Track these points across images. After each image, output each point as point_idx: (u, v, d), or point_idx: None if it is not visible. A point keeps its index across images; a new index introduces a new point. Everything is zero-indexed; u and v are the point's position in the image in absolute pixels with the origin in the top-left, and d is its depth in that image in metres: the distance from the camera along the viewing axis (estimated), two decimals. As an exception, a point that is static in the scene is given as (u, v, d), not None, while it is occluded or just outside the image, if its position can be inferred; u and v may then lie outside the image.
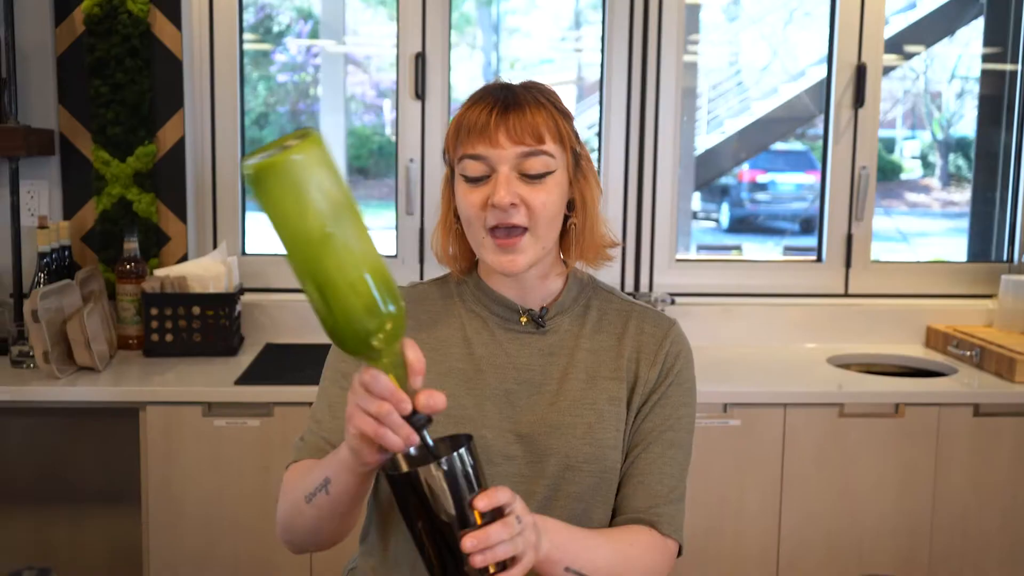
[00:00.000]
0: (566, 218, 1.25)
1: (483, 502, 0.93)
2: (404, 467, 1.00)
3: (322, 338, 0.98)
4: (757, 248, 7.60)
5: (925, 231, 7.69)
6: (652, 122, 2.81)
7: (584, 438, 1.22)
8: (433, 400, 0.95)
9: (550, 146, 1.19)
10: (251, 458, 2.24)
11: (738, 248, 7.54)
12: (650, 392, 1.26)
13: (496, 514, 0.96)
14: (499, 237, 1.18)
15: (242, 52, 2.79)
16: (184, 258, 2.69)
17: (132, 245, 2.57)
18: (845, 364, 2.71)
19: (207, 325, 2.51)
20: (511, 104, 1.19)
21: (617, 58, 2.80)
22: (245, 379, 2.30)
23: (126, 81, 2.57)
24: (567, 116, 1.24)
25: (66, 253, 2.57)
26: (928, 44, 4.90)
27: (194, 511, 2.26)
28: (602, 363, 1.27)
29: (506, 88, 1.22)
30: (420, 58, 2.76)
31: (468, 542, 0.92)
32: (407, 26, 2.78)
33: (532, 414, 1.23)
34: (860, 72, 2.85)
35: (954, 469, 2.38)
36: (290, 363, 2.45)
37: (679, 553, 1.27)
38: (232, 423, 2.23)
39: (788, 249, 7.70)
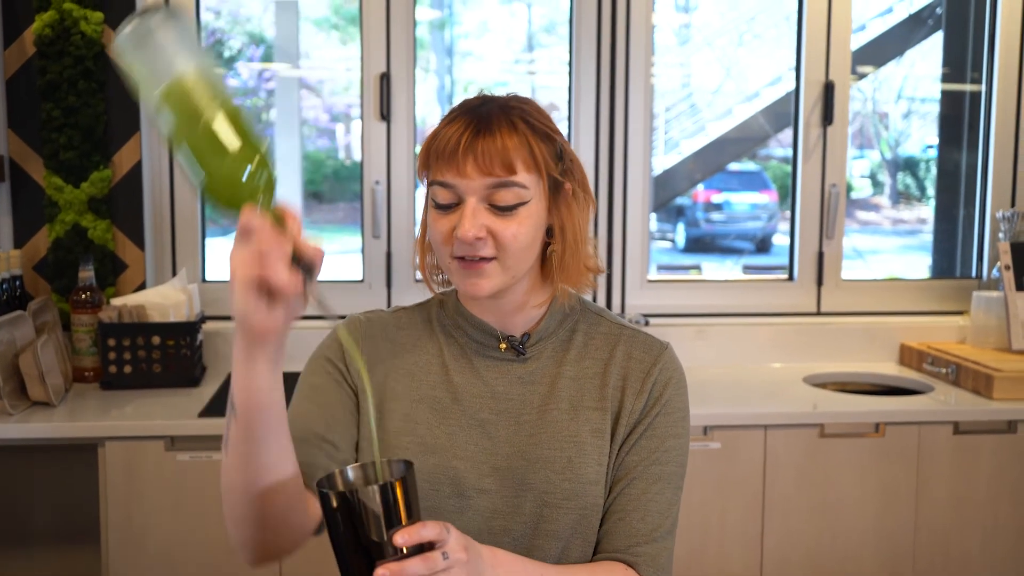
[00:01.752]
0: (548, 243, 1.20)
1: (402, 538, 0.92)
2: (339, 486, 0.99)
3: (290, 366, 0.99)
4: (715, 267, 7.67)
5: (877, 248, 7.81)
6: (621, 143, 2.80)
7: (563, 473, 1.17)
8: (313, 241, 0.93)
9: (523, 176, 1.12)
10: (217, 493, 2.10)
11: (697, 268, 7.59)
12: (636, 423, 1.21)
13: (425, 547, 0.94)
14: (465, 261, 1.14)
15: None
16: (142, 286, 2.63)
17: (87, 274, 2.50)
18: (821, 383, 2.70)
19: (168, 355, 2.45)
20: (482, 128, 1.12)
21: (585, 81, 2.79)
22: (209, 411, 2.24)
23: (79, 104, 2.50)
24: (547, 138, 1.16)
25: (17, 283, 2.50)
26: (878, 65, 4.97)
27: (157, 550, 2.19)
28: (586, 392, 1.21)
29: (484, 105, 1.16)
30: (385, 79, 2.72)
31: (379, 572, 0.90)
32: (371, 47, 2.74)
33: (509, 446, 1.19)
34: (828, 89, 2.86)
35: (935, 487, 2.37)
36: (256, 393, 2.38)
37: None
38: (196, 457, 2.17)
39: (747, 268, 7.77)
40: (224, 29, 5.71)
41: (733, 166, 7.91)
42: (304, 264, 0.93)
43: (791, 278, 2.94)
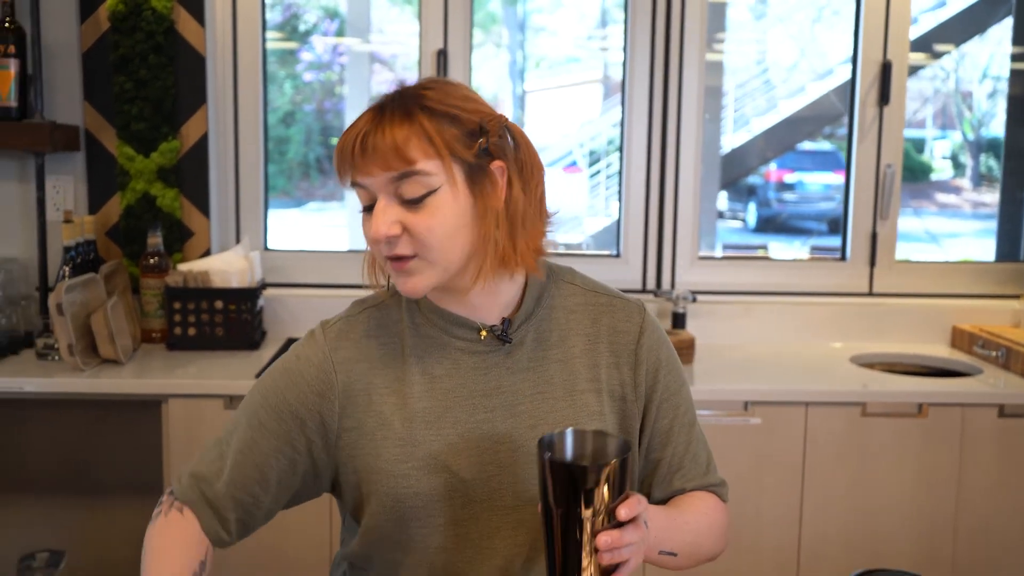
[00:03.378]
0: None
1: (624, 511, 0.97)
2: (568, 455, 1.03)
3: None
4: (783, 248, 7.55)
5: (956, 232, 7.62)
6: (675, 120, 2.80)
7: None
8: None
9: (423, 164, 1.04)
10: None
11: (764, 248, 7.50)
12: (648, 393, 1.21)
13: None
14: (393, 261, 1.09)
15: (265, 49, 2.81)
16: (207, 253, 2.69)
17: (156, 240, 2.59)
18: (868, 363, 2.68)
19: (229, 319, 2.52)
20: (376, 122, 1.06)
21: (640, 56, 2.80)
22: (266, 373, 2.29)
23: (150, 77, 2.59)
24: (453, 120, 1.07)
25: (91, 247, 2.58)
26: (958, 43, 4.85)
27: None
28: (577, 374, 1.17)
29: (385, 99, 1.09)
30: (442, 55, 2.77)
31: (603, 539, 0.95)
32: (429, 23, 2.78)
33: (511, 441, 1.14)
34: (885, 69, 2.82)
35: (978, 470, 2.35)
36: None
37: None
38: (253, 416, 2.23)
39: (815, 249, 7.64)
40: (299, 3, 5.82)
41: (807, 145, 7.77)
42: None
43: (843, 258, 2.92)
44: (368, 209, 1.10)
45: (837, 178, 7.75)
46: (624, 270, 2.85)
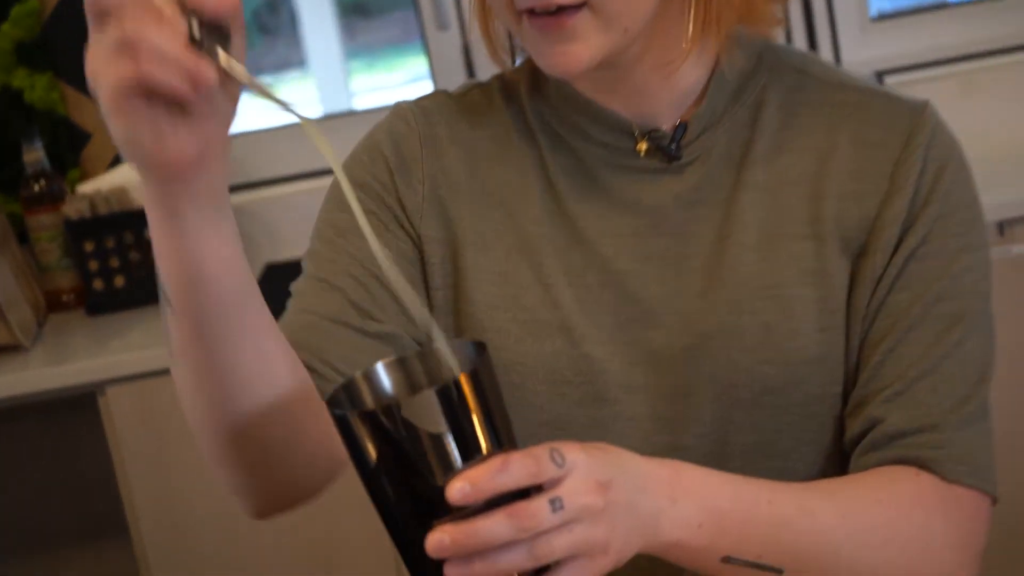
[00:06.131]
0: None
1: (462, 488, 0.79)
2: (367, 399, 0.90)
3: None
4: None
5: None
6: None
7: (759, 350, 1.08)
8: None
9: None
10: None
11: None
12: (896, 242, 1.08)
13: (519, 494, 0.82)
14: (537, 16, 1.04)
15: None
16: (116, 161, 2.61)
17: (36, 155, 2.49)
18: None
19: None
20: None
21: None
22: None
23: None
24: None
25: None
26: None
27: (203, 523, 2.23)
28: (788, 211, 1.10)
29: None
30: None
31: (434, 540, 0.79)
32: None
33: (669, 313, 1.09)
34: None
35: None
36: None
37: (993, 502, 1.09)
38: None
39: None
40: None
41: None
42: (209, 27, 0.80)
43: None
44: None
45: None
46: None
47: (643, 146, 1.12)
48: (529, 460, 0.81)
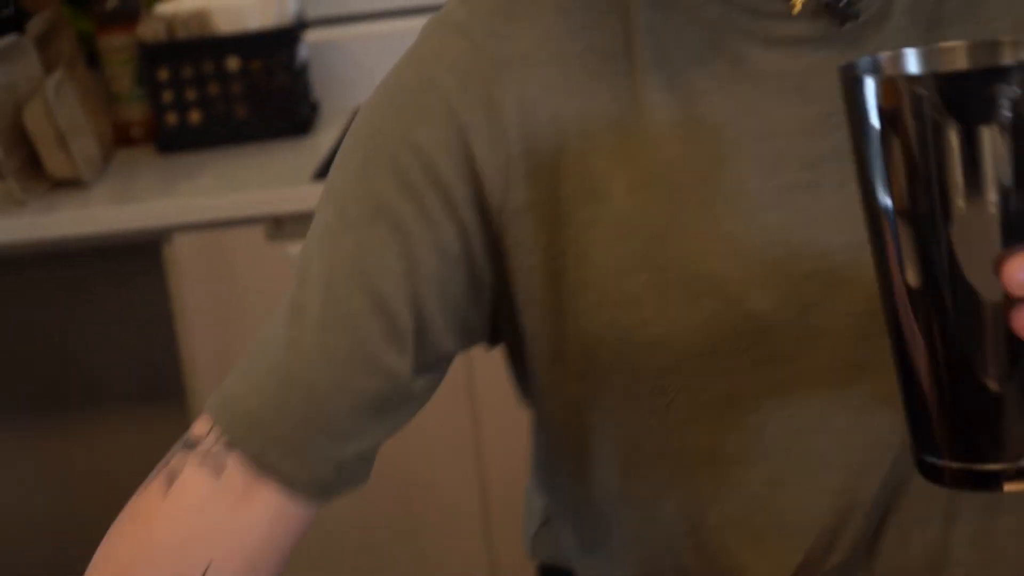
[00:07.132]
0: None
1: None
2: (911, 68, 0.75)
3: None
4: None
5: None
6: None
7: None
8: None
9: None
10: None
11: None
12: None
13: None
14: None
15: None
16: None
17: None
18: None
19: (254, 87, 2.44)
20: None
21: None
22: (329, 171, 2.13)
23: None
24: None
25: (4, -8, 2.39)
26: None
27: None
28: None
29: None
30: None
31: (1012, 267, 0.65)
32: None
33: (854, 221, 0.90)
34: None
35: None
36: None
37: None
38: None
39: None
40: None
41: None
42: None
43: None
44: None
45: None
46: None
47: (798, 4, 0.98)
48: None
